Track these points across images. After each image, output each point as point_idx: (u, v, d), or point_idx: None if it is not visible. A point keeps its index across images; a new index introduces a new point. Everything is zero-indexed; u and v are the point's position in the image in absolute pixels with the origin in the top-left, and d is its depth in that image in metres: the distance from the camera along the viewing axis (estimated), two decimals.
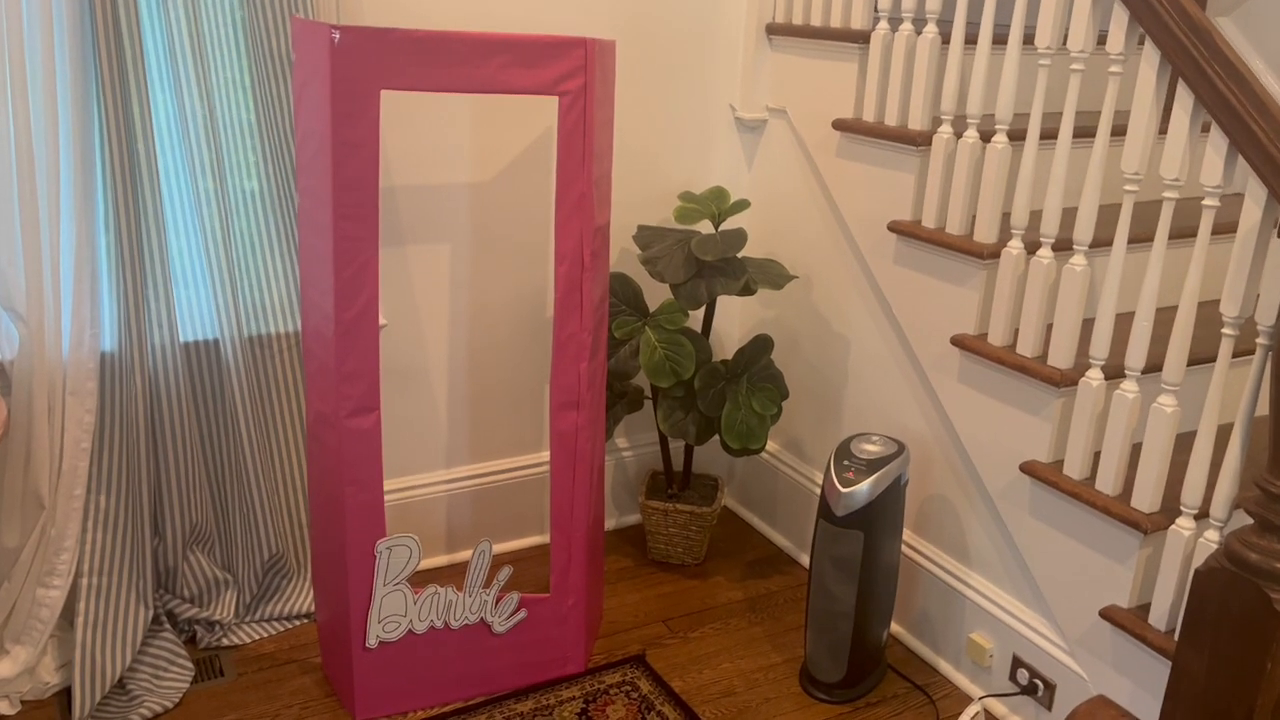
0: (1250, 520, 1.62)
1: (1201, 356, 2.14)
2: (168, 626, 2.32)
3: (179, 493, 2.30)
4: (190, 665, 2.27)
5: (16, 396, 2.11)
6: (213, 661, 2.32)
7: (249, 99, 2.21)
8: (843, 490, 2.18)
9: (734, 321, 3.03)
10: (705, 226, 2.81)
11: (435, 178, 2.49)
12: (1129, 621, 1.94)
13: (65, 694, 2.19)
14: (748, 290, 2.52)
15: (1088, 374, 2.00)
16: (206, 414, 2.33)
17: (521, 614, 2.23)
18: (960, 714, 2.28)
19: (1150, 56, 1.82)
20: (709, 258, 2.43)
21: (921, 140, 2.28)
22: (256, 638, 2.41)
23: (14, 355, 2.11)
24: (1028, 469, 2.11)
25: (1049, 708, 2.17)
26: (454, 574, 2.71)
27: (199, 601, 2.38)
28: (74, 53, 1.99)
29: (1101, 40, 2.46)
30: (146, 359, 2.20)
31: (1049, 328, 2.14)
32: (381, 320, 2.50)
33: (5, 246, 2.06)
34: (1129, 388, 1.93)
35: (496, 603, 2.20)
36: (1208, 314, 2.37)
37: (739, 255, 2.58)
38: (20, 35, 1.95)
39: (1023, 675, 2.22)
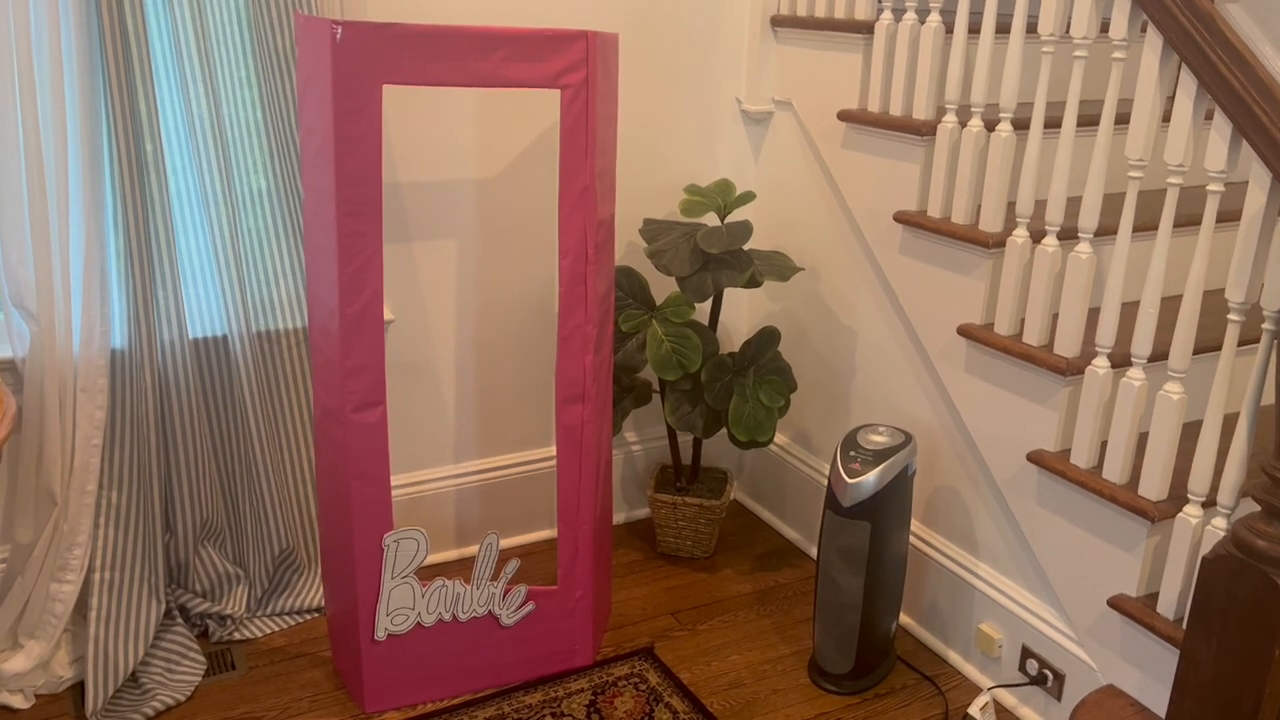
0: (1258, 507, 1.61)
1: (1208, 344, 2.13)
2: (180, 621, 2.34)
3: (189, 488, 2.32)
4: (202, 659, 2.29)
5: (28, 394, 2.13)
6: (224, 655, 2.34)
7: (255, 96, 2.23)
8: (849, 481, 2.18)
9: (741, 314, 3.03)
10: (711, 219, 2.81)
11: (441, 174, 2.50)
12: (1137, 610, 1.93)
13: (79, 688, 2.21)
14: (754, 282, 2.52)
15: (1094, 362, 1.99)
16: (216, 410, 2.35)
17: (529, 607, 2.24)
18: (970, 704, 2.28)
19: (1153, 42, 1.81)
20: (715, 250, 2.43)
21: (926, 130, 2.27)
22: (268, 632, 2.43)
23: (25, 353, 2.13)
24: (1035, 458, 2.10)
25: (1058, 698, 2.16)
26: (463, 568, 2.72)
27: (210, 596, 2.40)
28: (81, 52, 2.00)
29: (1104, 27, 2.45)
30: (156, 356, 2.22)
31: (1055, 317, 2.13)
32: (389, 316, 2.51)
33: (15, 245, 2.08)
34: (1135, 376, 1.93)
35: (504, 595, 2.21)
36: (1214, 301, 2.35)
37: (745, 247, 2.58)
38: (28, 36, 1.97)
39: (1032, 665, 2.21)
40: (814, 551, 2.85)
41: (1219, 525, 1.80)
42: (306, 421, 2.43)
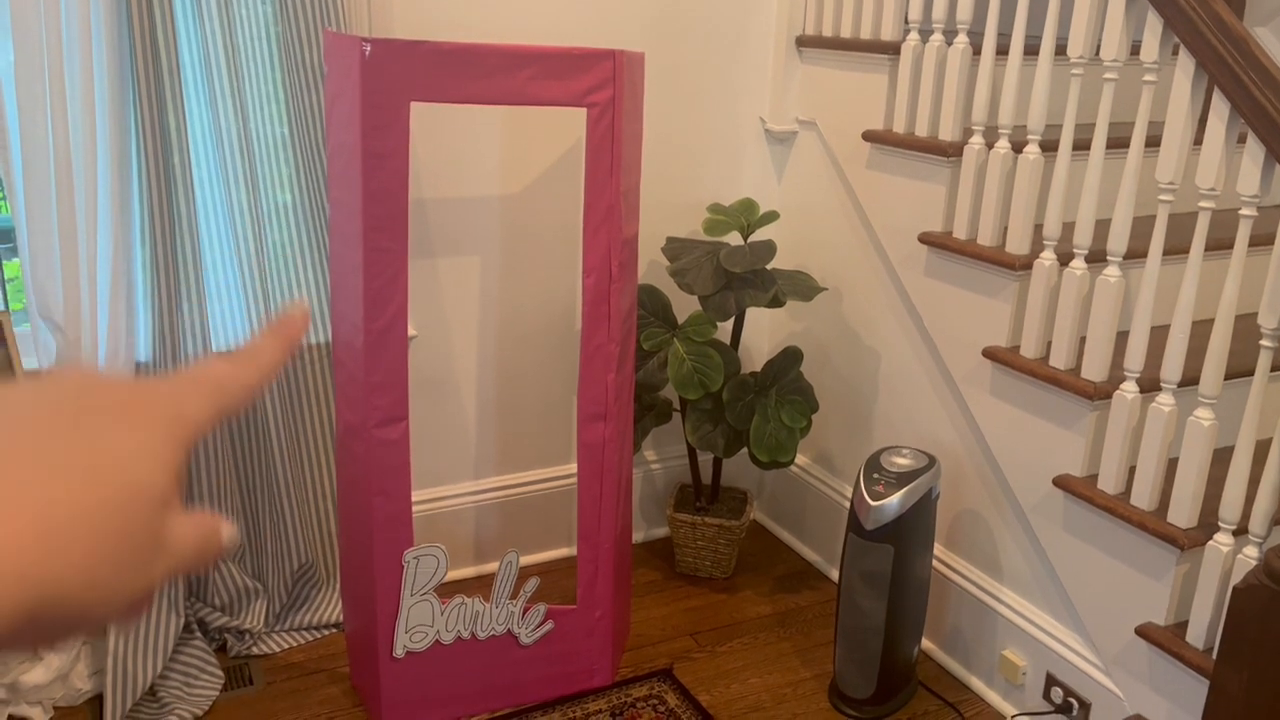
0: None
1: (1239, 369, 2.10)
2: (198, 635, 2.34)
3: (210, 502, 2.32)
4: (220, 673, 2.28)
5: None
6: (242, 670, 2.34)
7: (283, 112, 2.24)
8: (872, 504, 2.16)
9: (763, 334, 3.02)
10: (734, 238, 2.80)
11: (466, 190, 2.50)
12: (1166, 639, 1.90)
13: (97, 700, 2.21)
14: (777, 302, 2.50)
15: (1122, 387, 1.97)
16: (237, 424, 2.35)
17: (548, 625, 2.22)
18: None
19: (1185, 65, 1.79)
20: (738, 269, 2.43)
21: (952, 151, 2.26)
22: (286, 647, 2.42)
23: (51, 365, 2.14)
24: (1061, 483, 2.08)
25: None
26: (482, 585, 2.71)
27: (229, 610, 2.40)
28: (111, 66, 2.02)
29: (1135, 50, 2.43)
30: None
31: (1082, 340, 2.11)
32: (411, 331, 2.51)
33: (43, 258, 2.09)
34: (1165, 401, 1.90)
35: (523, 614, 2.19)
36: (1246, 326, 2.32)
37: (768, 267, 2.57)
38: (60, 50, 1.98)
39: (1056, 694, 2.18)
40: (834, 574, 2.83)
41: (1250, 554, 1.77)
42: (328, 436, 2.43)
